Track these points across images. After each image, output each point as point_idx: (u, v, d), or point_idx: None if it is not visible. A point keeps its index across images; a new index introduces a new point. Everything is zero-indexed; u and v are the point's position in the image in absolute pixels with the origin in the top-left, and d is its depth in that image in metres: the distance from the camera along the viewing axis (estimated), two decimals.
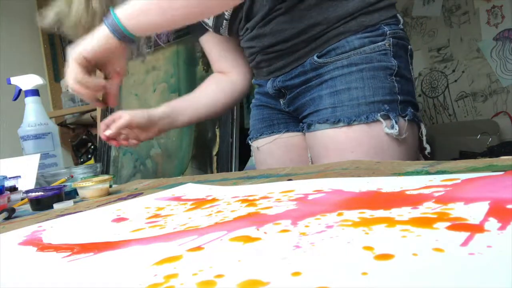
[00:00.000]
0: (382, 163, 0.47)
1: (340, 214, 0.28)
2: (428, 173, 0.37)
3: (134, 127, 0.79)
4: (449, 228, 0.22)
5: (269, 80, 0.76)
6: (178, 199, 0.46)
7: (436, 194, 0.29)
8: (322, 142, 0.68)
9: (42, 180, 0.84)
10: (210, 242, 0.27)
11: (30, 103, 0.99)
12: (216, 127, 1.13)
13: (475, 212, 0.24)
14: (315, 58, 0.67)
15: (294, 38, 0.67)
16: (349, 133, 0.64)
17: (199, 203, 0.42)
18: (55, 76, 2.35)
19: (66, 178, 0.81)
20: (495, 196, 0.26)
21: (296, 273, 0.19)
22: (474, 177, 0.32)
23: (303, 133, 0.75)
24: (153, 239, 0.30)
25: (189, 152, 1.24)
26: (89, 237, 0.34)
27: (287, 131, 0.79)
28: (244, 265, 0.21)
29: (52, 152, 0.99)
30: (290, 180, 0.46)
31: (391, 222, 0.25)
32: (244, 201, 0.38)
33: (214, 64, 0.89)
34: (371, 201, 0.31)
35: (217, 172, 1.13)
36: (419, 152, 0.69)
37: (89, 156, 2.14)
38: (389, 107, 0.63)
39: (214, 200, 0.42)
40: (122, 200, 0.54)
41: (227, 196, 0.42)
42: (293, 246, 0.23)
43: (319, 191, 0.37)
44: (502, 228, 0.21)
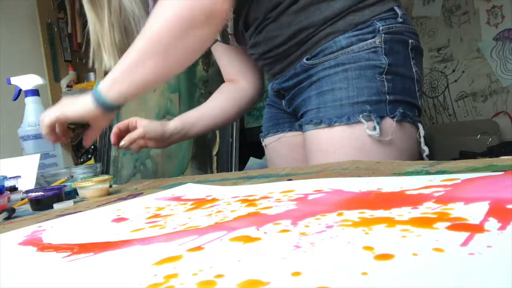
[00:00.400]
0: (382, 163, 0.47)
1: (340, 214, 0.28)
2: (428, 173, 0.37)
3: (146, 139, 0.84)
4: (449, 228, 0.22)
5: (270, 82, 0.78)
6: (178, 199, 0.46)
7: (436, 194, 0.29)
8: (308, 143, 0.68)
9: (42, 180, 0.84)
10: (210, 242, 0.27)
11: (30, 103, 0.99)
12: None
13: (475, 212, 0.24)
14: (304, 61, 0.67)
15: (285, 44, 0.68)
16: (331, 134, 0.64)
17: (199, 203, 0.42)
18: (55, 76, 2.35)
19: (66, 178, 0.81)
20: (495, 196, 0.26)
21: (296, 273, 0.19)
22: (474, 177, 0.32)
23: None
24: (153, 239, 0.30)
25: (189, 152, 1.24)
26: (89, 237, 0.34)
27: (290, 130, 0.81)
28: (244, 265, 0.21)
29: (52, 152, 0.99)
30: (290, 180, 0.46)
31: (391, 222, 0.25)
32: (244, 201, 0.38)
33: (224, 72, 0.92)
34: (371, 201, 0.31)
35: (217, 172, 1.13)
36: (418, 154, 0.66)
37: (89, 156, 2.13)
38: (371, 108, 0.61)
39: (214, 200, 0.42)
40: (122, 200, 0.54)
41: (227, 196, 0.42)
42: (293, 246, 0.23)
43: (319, 191, 0.37)
44: (502, 228, 0.21)
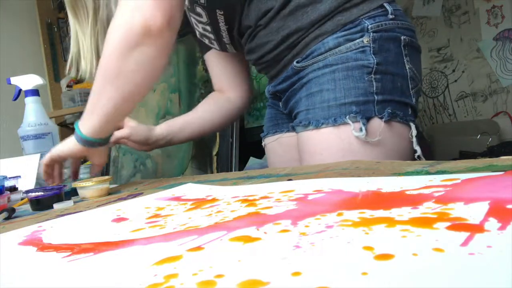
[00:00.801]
0: (382, 163, 0.47)
1: (340, 214, 0.28)
2: (428, 173, 0.37)
3: (129, 140, 0.87)
4: (449, 228, 0.22)
5: (267, 84, 0.80)
6: (178, 199, 0.46)
7: (436, 194, 0.29)
8: (299, 144, 0.69)
9: (42, 180, 0.84)
10: (210, 242, 0.27)
11: (30, 103, 0.99)
12: None
13: (475, 212, 0.24)
14: (295, 63, 0.68)
15: (276, 49, 0.69)
16: (318, 135, 0.64)
17: (199, 203, 0.42)
18: (55, 76, 2.35)
19: (66, 178, 0.81)
20: (495, 196, 0.26)
21: (296, 273, 0.19)
22: (474, 177, 0.32)
23: None
24: (153, 239, 0.30)
25: (189, 152, 1.24)
26: (89, 237, 0.34)
27: (288, 131, 0.82)
28: (244, 265, 0.21)
29: None
30: (290, 180, 0.46)
31: (391, 222, 0.25)
32: (244, 201, 0.38)
33: (214, 82, 0.93)
34: (371, 201, 0.31)
35: (217, 172, 1.13)
36: (411, 154, 0.64)
37: None
38: (358, 109, 0.61)
39: (214, 200, 0.42)
40: (122, 200, 0.54)
41: (227, 196, 0.42)
42: (293, 246, 0.23)
43: (319, 191, 0.37)
44: (502, 228, 0.21)
